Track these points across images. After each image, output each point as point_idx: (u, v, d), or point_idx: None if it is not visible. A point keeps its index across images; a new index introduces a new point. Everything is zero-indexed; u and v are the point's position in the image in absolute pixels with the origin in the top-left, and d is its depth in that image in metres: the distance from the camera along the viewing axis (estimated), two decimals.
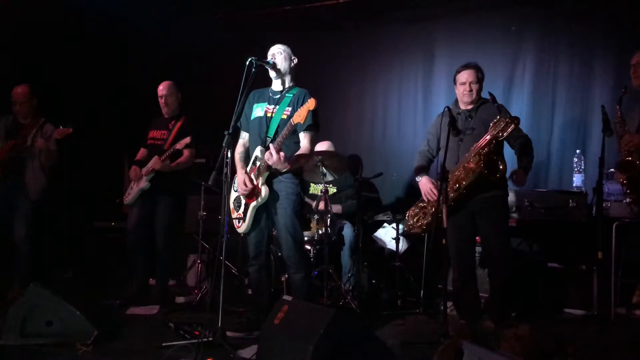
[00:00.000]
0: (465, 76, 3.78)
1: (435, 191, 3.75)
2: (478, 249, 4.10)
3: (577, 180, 4.60)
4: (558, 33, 5.16)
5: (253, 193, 3.48)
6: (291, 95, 3.57)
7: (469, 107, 3.81)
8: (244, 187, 3.48)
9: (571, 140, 4.98)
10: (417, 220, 3.94)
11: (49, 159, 4.58)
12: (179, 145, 4.33)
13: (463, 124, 3.75)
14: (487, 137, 3.56)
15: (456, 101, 3.90)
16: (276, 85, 3.66)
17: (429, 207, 3.87)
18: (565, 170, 4.91)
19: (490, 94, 3.65)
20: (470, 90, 3.76)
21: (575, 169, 4.62)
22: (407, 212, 4.06)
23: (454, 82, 3.88)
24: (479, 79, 3.78)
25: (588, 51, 5.02)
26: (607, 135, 3.56)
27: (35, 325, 3.17)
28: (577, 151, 4.69)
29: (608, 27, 4.93)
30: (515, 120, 3.48)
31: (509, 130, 3.48)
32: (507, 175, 3.68)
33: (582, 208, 4.29)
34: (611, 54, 4.90)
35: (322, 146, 5.17)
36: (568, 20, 5.13)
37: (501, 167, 3.55)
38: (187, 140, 4.31)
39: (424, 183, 3.89)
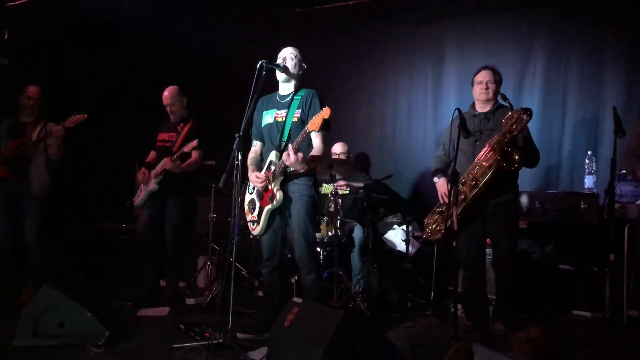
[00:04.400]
0: (482, 75, 3.80)
1: None
2: (489, 250, 4.09)
3: (588, 181, 4.56)
4: (569, 34, 5.12)
5: (267, 196, 3.49)
6: (299, 97, 3.56)
7: (486, 108, 3.79)
8: (257, 180, 3.50)
9: (582, 142, 4.93)
10: (437, 226, 3.88)
11: (58, 151, 4.60)
12: (186, 148, 4.32)
13: (480, 125, 3.74)
14: (501, 131, 3.54)
15: (473, 104, 3.89)
16: (283, 89, 3.65)
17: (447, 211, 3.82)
18: (577, 171, 4.87)
19: (502, 94, 3.69)
20: (487, 89, 3.76)
21: (587, 170, 4.58)
22: (426, 219, 3.99)
23: (472, 84, 3.88)
24: (496, 81, 3.78)
25: (599, 51, 4.97)
26: (619, 137, 3.51)
27: (47, 327, 3.20)
28: (589, 152, 4.65)
29: (619, 27, 4.88)
30: (528, 111, 3.48)
31: (522, 123, 3.47)
32: None
33: (594, 210, 4.25)
34: (623, 54, 4.85)
35: (337, 148, 5.17)
36: (579, 20, 5.08)
37: (517, 157, 3.49)
38: (194, 143, 4.30)
39: (441, 185, 3.86)
